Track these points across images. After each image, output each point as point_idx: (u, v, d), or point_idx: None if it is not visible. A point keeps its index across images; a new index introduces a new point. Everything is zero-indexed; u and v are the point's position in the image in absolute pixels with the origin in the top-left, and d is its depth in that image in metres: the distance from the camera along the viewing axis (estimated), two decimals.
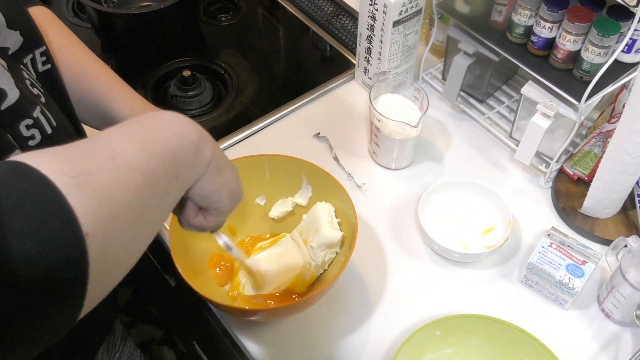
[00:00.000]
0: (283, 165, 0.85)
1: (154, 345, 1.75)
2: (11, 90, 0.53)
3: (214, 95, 1.14)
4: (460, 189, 0.94)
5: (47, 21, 0.74)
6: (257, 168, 0.85)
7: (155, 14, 1.15)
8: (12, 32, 0.57)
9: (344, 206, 0.82)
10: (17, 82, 0.54)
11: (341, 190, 0.81)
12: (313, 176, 0.85)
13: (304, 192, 0.87)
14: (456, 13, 1.00)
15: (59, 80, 0.66)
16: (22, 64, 0.58)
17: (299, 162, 0.85)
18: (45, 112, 0.57)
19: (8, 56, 0.56)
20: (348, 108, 1.09)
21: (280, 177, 0.86)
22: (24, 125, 0.55)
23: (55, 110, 0.61)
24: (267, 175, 0.86)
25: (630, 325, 0.83)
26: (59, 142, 0.58)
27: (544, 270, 0.82)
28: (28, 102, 0.55)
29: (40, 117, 0.56)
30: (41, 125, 0.56)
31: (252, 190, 0.86)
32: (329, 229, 0.81)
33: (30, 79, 0.58)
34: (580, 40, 0.86)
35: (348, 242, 0.81)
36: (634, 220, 0.91)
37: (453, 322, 0.78)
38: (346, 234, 0.82)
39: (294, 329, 0.82)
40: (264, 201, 0.88)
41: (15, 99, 0.53)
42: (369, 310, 0.84)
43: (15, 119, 0.54)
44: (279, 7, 1.29)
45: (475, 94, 1.08)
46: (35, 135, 0.56)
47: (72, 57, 0.74)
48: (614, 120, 0.97)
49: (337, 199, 0.83)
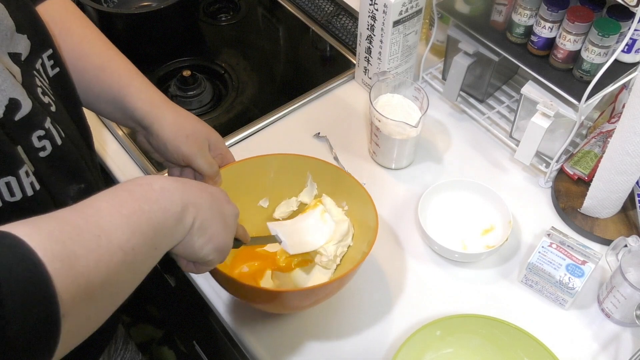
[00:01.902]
0: (289, 163, 0.85)
1: (154, 345, 1.75)
2: (24, 100, 0.53)
3: (214, 95, 1.14)
4: (460, 189, 0.94)
5: (69, 13, 0.74)
6: (262, 169, 0.85)
7: (155, 14, 1.15)
8: (21, 37, 0.57)
9: (358, 199, 0.82)
10: (29, 92, 0.54)
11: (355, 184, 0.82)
12: (320, 172, 0.85)
13: (309, 190, 0.87)
14: (456, 13, 1.00)
15: (69, 84, 0.66)
16: (35, 70, 0.58)
17: (306, 159, 0.85)
18: (55, 124, 0.57)
19: (21, 62, 0.56)
20: (348, 108, 1.09)
21: (285, 177, 0.86)
22: (36, 136, 0.55)
23: (65, 118, 0.61)
24: (271, 175, 0.86)
25: (630, 325, 0.83)
26: (69, 154, 0.59)
27: (544, 270, 0.82)
28: (40, 112, 0.55)
29: (51, 128, 0.56)
30: (52, 136, 0.56)
31: (255, 192, 0.86)
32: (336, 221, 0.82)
33: (42, 85, 0.58)
34: (581, 40, 0.86)
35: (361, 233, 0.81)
36: (634, 220, 0.91)
37: (453, 322, 0.78)
38: (358, 225, 0.82)
39: (292, 329, 0.82)
40: (268, 203, 0.88)
41: (29, 110, 0.53)
42: (369, 310, 0.84)
43: (28, 129, 0.54)
44: (279, 7, 1.29)
45: (475, 94, 1.08)
46: (46, 147, 0.56)
47: (93, 49, 0.74)
48: (614, 120, 0.97)
49: (350, 192, 0.83)
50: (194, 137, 0.73)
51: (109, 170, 1.01)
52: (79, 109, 0.68)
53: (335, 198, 0.86)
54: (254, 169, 0.83)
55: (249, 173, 0.83)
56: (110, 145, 1.03)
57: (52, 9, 0.71)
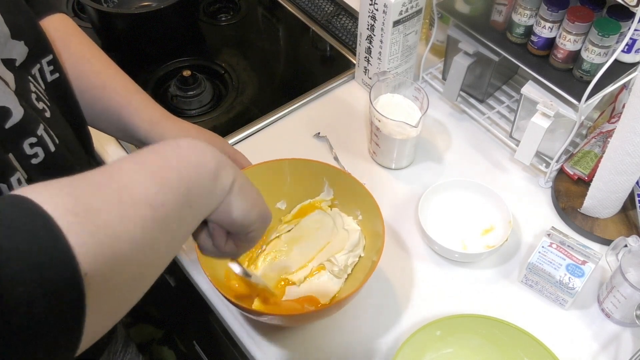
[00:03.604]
0: (304, 169, 0.85)
1: (154, 345, 1.75)
2: (16, 108, 0.52)
3: (214, 95, 1.14)
4: (460, 189, 0.94)
5: (69, 30, 0.73)
6: (278, 172, 0.85)
7: (155, 14, 1.15)
8: (16, 43, 0.56)
9: (369, 209, 0.82)
10: (22, 99, 0.54)
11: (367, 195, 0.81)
12: (335, 180, 0.86)
13: (326, 195, 0.88)
14: (456, 13, 1.00)
15: (69, 90, 0.65)
16: (30, 75, 0.58)
17: (320, 165, 0.85)
18: (48, 130, 0.57)
19: (15, 68, 0.56)
20: (348, 108, 1.09)
21: (301, 181, 0.86)
22: (28, 143, 0.54)
23: (61, 123, 0.60)
24: (288, 179, 0.86)
25: (630, 325, 0.83)
26: (62, 160, 0.58)
27: (544, 270, 0.82)
28: (32, 120, 0.54)
29: (44, 135, 0.56)
30: (45, 143, 0.56)
31: (273, 194, 0.86)
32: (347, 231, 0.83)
33: (37, 91, 0.58)
34: (581, 40, 0.86)
35: (372, 244, 0.81)
36: (634, 220, 0.91)
37: (453, 322, 0.78)
38: (369, 236, 0.83)
39: (292, 328, 0.82)
40: (285, 205, 0.88)
41: (20, 117, 0.53)
42: (368, 310, 0.84)
43: (20, 137, 0.53)
44: (279, 7, 1.29)
45: (476, 93, 1.08)
46: (38, 154, 0.55)
47: (92, 68, 0.73)
48: (614, 120, 0.97)
49: (362, 203, 0.83)
50: None
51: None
52: (78, 113, 0.67)
53: (348, 206, 0.86)
54: (271, 172, 0.83)
55: (266, 176, 0.82)
56: (110, 145, 1.03)
57: (51, 27, 0.70)
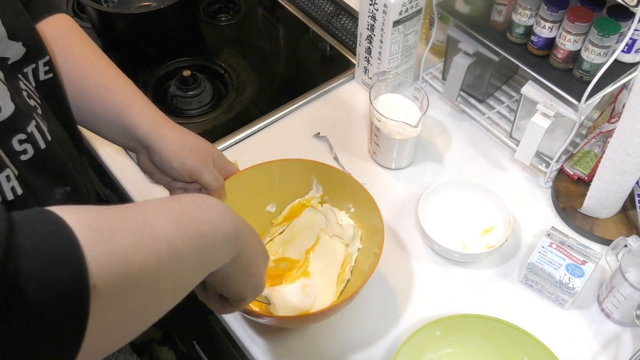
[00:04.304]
0: (292, 168, 0.85)
1: (154, 345, 1.75)
2: (5, 104, 0.52)
3: (214, 95, 1.14)
4: (460, 189, 0.94)
5: (71, 31, 0.73)
6: (267, 175, 0.85)
7: (155, 14, 1.15)
8: (13, 43, 0.56)
9: (362, 201, 0.82)
10: (14, 95, 0.54)
11: (357, 186, 0.82)
12: (323, 176, 0.86)
13: (315, 193, 0.88)
14: (456, 13, 1.00)
15: (60, 89, 0.65)
16: (20, 74, 0.58)
17: (307, 163, 0.85)
18: (40, 127, 0.56)
19: (7, 66, 0.56)
20: (348, 108, 1.09)
21: (289, 181, 0.86)
22: (17, 140, 0.54)
23: (53, 121, 0.61)
24: (276, 181, 0.86)
25: (630, 325, 0.83)
26: (54, 157, 0.58)
27: (544, 270, 0.82)
28: (23, 116, 0.54)
29: (34, 132, 0.56)
30: (35, 140, 0.56)
31: (263, 198, 0.87)
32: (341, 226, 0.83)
33: (27, 89, 0.58)
34: (580, 40, 0.86)
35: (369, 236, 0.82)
36: (634, 220, 0.91)
37: (453, 322, 0.78)
38: (365, 227, 0.83)
39: (292, 328, 0.82)
40: (275, 208, 0.89)
41: (10, 114, 0.53)
42: (368, 309, 0.84)
43: (8, 133, 0.53)
44: (279, 7, 1.29)
45: (475, 94, 1.08)
46: (27, 150, 0.55)
47: (96, 68, 0.73)
48: (614, 120, 0.97)
49: (354, 195, 0.83)
50: (197, 152, 0.73)
51: (109, 170, 1.01)
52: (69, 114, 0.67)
53: (340, 201, 0.86)
54: (259, 176, 0.83)
55: (254, 180, 0.83)
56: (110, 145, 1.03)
57: (53, 27, 0.70)
